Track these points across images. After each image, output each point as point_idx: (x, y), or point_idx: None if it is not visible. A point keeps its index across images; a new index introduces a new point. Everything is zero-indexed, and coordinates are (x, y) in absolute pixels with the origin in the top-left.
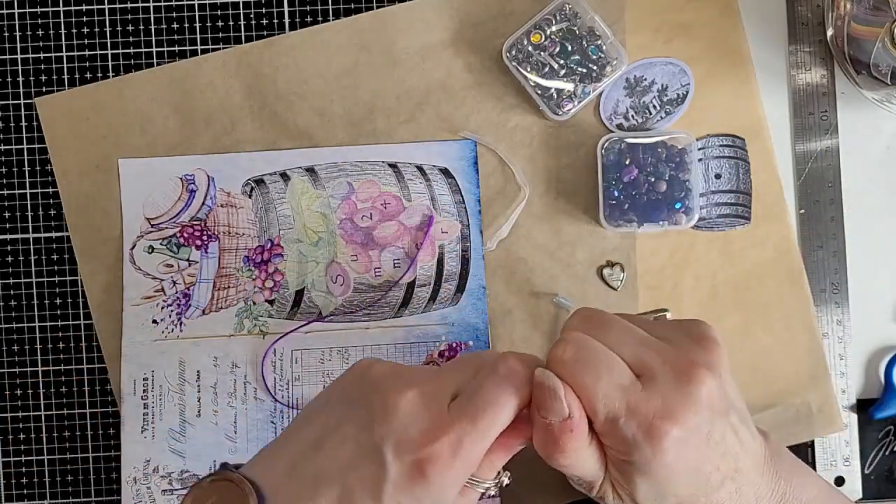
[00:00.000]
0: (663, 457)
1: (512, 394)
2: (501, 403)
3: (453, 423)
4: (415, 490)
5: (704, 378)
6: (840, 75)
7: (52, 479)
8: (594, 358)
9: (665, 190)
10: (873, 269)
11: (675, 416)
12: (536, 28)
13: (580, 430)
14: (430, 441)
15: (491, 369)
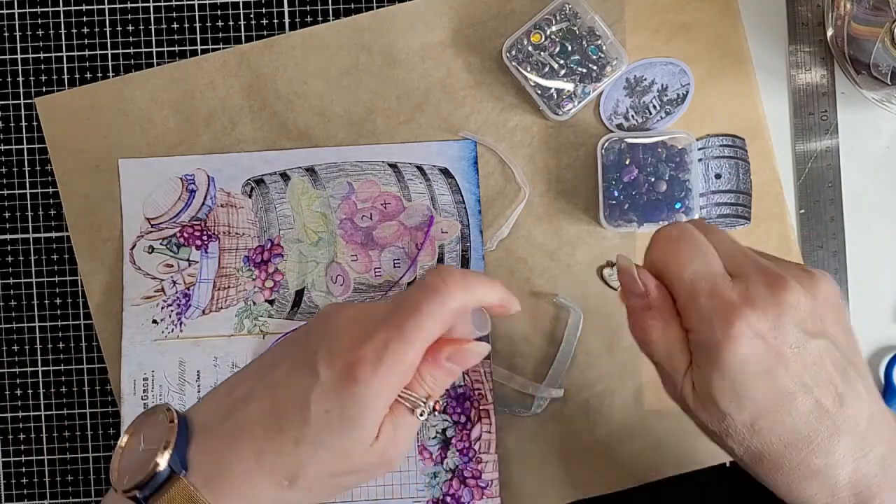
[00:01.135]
0: (735, 344)
1: (437, 301)
2: (426, 310)
3: (380, 328)
4: (344, 395)
5: (795, 288)
6: (840, 75)
7: (52, 479)
8: (694, 243)
9: (665, 190)
10: (873, 269)
11: (754, 304)
12: (536, 28)
13: (658, 308)
14: (359, 346)
15: (420, 279)
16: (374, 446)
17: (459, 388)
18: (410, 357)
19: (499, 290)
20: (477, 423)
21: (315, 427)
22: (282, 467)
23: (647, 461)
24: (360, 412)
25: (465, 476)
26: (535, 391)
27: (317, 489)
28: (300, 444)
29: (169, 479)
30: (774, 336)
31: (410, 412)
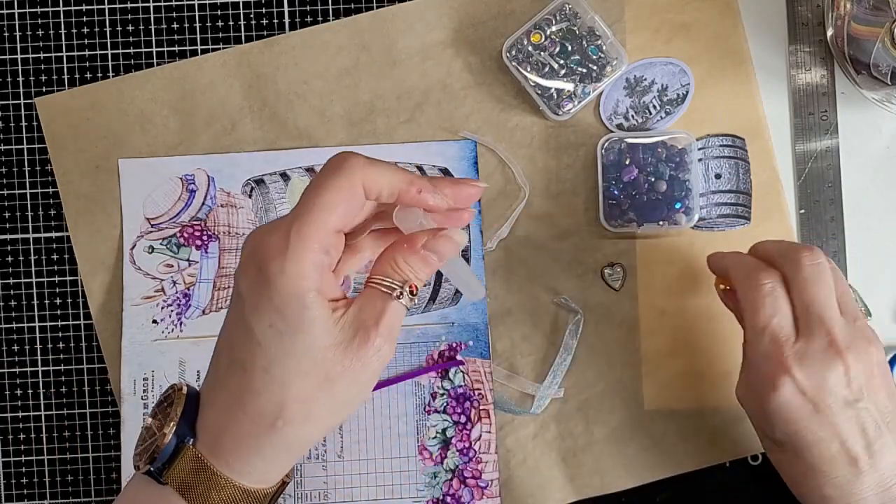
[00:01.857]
0: (777, 392)
1: (336, 174)
2: (325, 185)
3: (283, 221)
4: (271, 298)
5: (849, 357)
6: (840, 75)
7: (52, 479)
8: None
9: (665, 190)
10: (873, 269)
11: (804, 365)
12: (536, 28)
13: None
14: (264, 246)
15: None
16: (343, 333)
17: (459, 388)
18: (320, 234)
19: (403, 172)
20: (477, 423)
21: (268, 345)
22: (266, 404)
23: (647, 461)
24: (291, 302)
25: (465, 476)
26: (535, 391)
27: (317, 412)
28: (268, 370)
29: (177, 449)
30: (815, 394)
31: (388, 296)
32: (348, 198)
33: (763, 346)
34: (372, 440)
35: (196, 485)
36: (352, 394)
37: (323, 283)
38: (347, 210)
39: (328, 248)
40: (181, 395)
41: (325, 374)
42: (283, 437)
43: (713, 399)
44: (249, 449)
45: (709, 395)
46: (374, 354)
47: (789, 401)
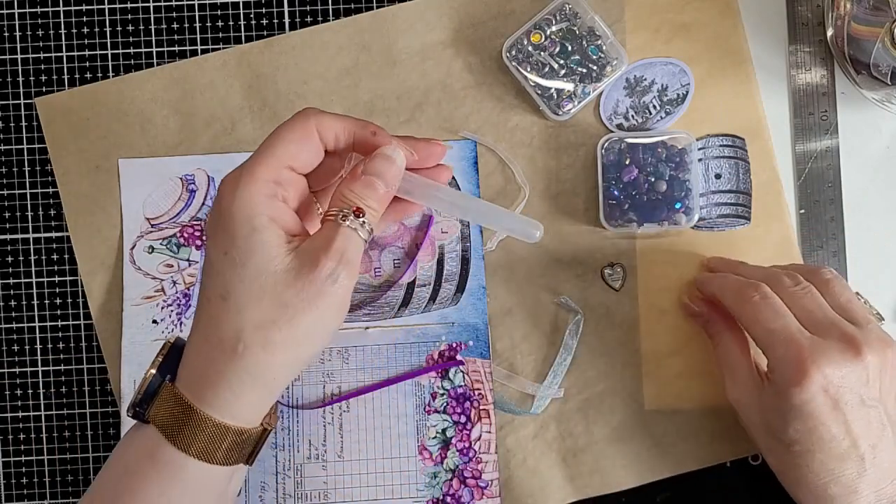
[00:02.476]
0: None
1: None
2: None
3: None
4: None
5: (868, 356)
6: (840, 75)
7: (52, 479)
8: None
9: (665, 190)
10: (873, 269)
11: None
12: (536, 28)
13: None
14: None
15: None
16: (294, 261)
17: (459, 388)
18: (270, 166)
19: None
20: (477, 423)
21: (223, 271)
22: (225, 331)
23: (647, 461)
24: (241, 224)
25: (465, 476)
26: (535, 391)
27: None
28: (225, 297)
29: (159, 388)
30: (836, 391)
31: (335, 223)
32: (301, 136)
33: (780, 353)
34: (372, 440)
35: (175, 420)
36: (312, 323)
37: (276, 212)
38: (299, 148)
39: (280, 180)
40: (167, 343)
41: (279, 300)
42: (245, 365)
43: (713, 399)
44: (217, 380)
45: (709, 395)
46: (327, 279)
47: (814, 397)
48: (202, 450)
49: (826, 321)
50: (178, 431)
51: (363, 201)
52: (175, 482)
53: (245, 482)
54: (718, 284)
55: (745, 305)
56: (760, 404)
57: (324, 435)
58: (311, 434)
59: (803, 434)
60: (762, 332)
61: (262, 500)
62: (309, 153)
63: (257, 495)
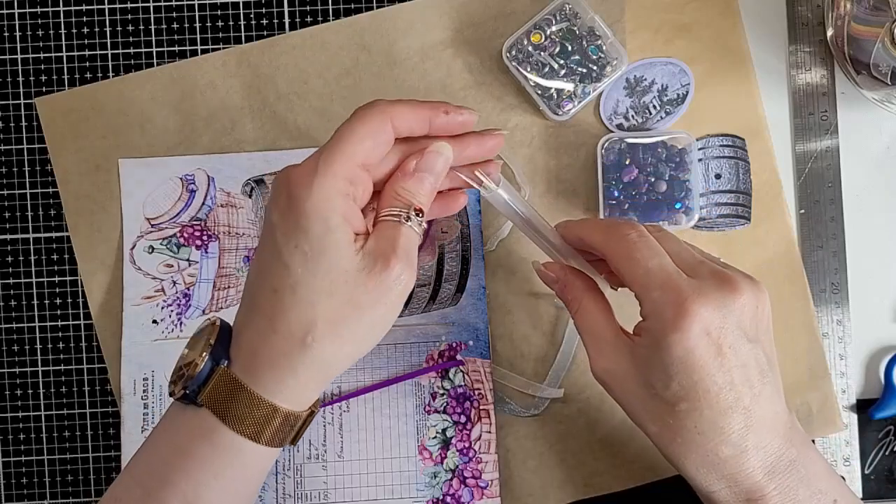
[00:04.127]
0: (684, 335)
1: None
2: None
3: (314, 153)
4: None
5: (745, 292)
6: (840, 75)
7: (52, 479)
8: (649, 244)
9: (665, 190)
10: (873, 269)
11: (706, 301)
12: (536, 28)
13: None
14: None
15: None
16: (364, 261)
17: (459, 388)
18: (346, 163)
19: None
20: (477, 423)
21: (295, 266)
22: (294, 322)
23: (647, 461)
24: (316, 222)
25: (465, 476)
26: (535, 391)
27: (345, 333)
28: (295, 290)
29: (212, 372)
30: (719, 334)
31: (397, 223)
32: (376, 131)
33: (657, 295)
34: (372, 440)
35: (231, 404)
36: (377, 319)
37: (347, 212)
38: (374, 144)
39: (353, 179)
40: (214, 326)
41: (350, 297)
42: (313, 356)
43: None
44: (282, 367)
45: None
46: (396, 279)
47: (696, 343)
48: (255, 432)
49: (695, 261)
50: (233, 414)
51: (416, 198)
52: (231, 464)
53: None
54: (589, 225)
55: (620, 243)
56: (635, 366)
57: (324, 435)
58: (311, 434)
59: (688, 389)
60: (639, 271)
61: (262, 500)
62: (381, 149)
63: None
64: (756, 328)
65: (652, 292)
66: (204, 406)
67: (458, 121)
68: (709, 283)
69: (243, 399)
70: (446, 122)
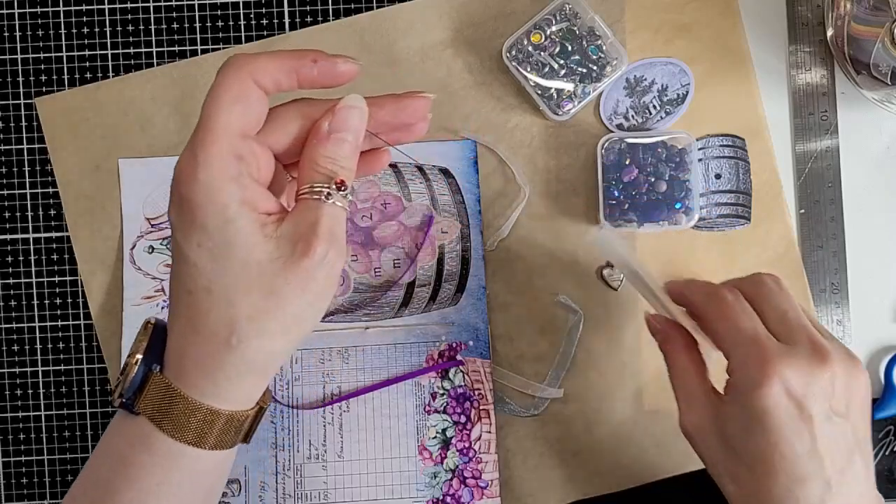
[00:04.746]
0: (766, 390)
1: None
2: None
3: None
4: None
5: (836, 364)
6: (840, 75)
7: (52, 479)
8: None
9: (665, 190)
10: (873, 269)
11: (792, 362)
12: (536, 28)
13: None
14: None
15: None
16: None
17: (459, 388)
18: (224, 139)
19: (292, 52)
20: (477, 423)
21: (203, 265)
22: (216, 324)
23: (647, 461)
24: (212, 215)
25: (465, 476)
26: (535, 391)
27: (271, 327)
28: (210, 290)
29: (146, 377)
30: (803, 397)
31: (319, 201)
32: (241, 94)
33: (743, 352)
34: (372, 440)
35: (167, 410)
36: (304, 308)
37: (247, 194)
38: (245, 107)
39: (240, 154)
40: (149, 327)
41: (270, 289)
42: (241, 355)
43: None
44: (212, 369)
45: None
46: (320, 263)
47: (777, 402)
48: (197, 437)
49: (797, 324)
50: (171, 421)
51: (338, 164)
52: (173, 470)
53: (245, 482)
54: (691, 286)
55: (716, 303)
56: (718, 423)
57: (324, 435)
58: (311, 434)
59: (766, 450)
60: (728, 329)
61: (262, 500)
62: (255, 110)
63: (257, 495)
64: (846, 404)
65: (739, 350)
66: (141, 414)
67: (336, 71)
68: (800, 348)
69: (179, 404)
70: (317, 74)
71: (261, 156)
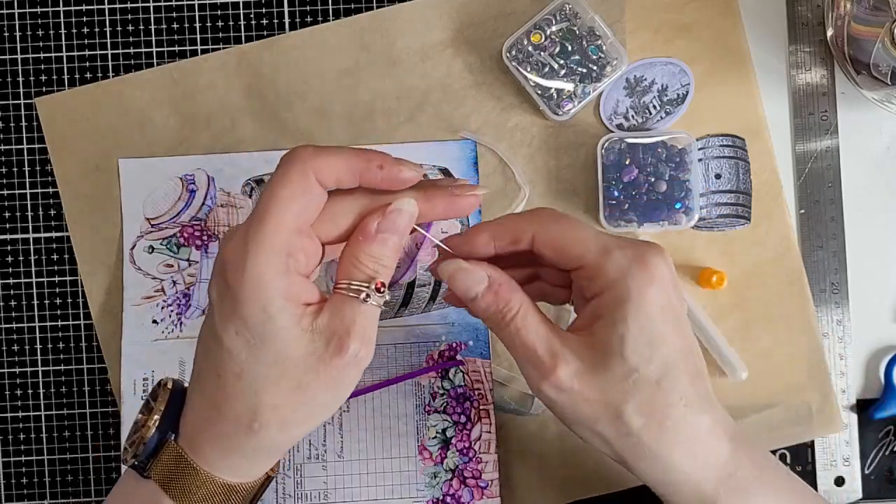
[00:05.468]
0: (656, 286)
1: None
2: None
3: (244, 224)
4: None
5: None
6: (840, 75)
7: (52, 479)
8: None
9: (665, 190)
10: (873, 269)
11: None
12: (536, 28)
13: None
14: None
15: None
16: (314, 343)
17: (459, 388)
18: (278, 236)
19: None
20: (477, 423)
21: (238, 352)
22: (240, 409)
23: None
24: (254, 311)
25: (465, 476)
26: None
27: (292, 418)
28: (240, 377)
29: (160, 443)
30: (674, 287)
31: (356, 300)
32: (301, 191)
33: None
34: (372, 440)
35: (178, 479)
36: (328, 399)
37: (292, 289)
38: (303, 205)
39: (291, 251)
40: (166, 390)
41: (298, 383)
42: (259, 440)
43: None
44: (229, 449)
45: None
46: (351, 361)
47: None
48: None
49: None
50: (182, 491)
51: (380, 263)
52: None
53: None
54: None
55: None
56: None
57: (324, 435)
58: (311, 434)
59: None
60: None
61: (262, 500)
62: (313, 207)
63: None
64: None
65: (612, 253)
66: (151, 479)
67: (398, 178)
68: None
69: (191, 476)
70: (381, 178)
71: (309, 248)
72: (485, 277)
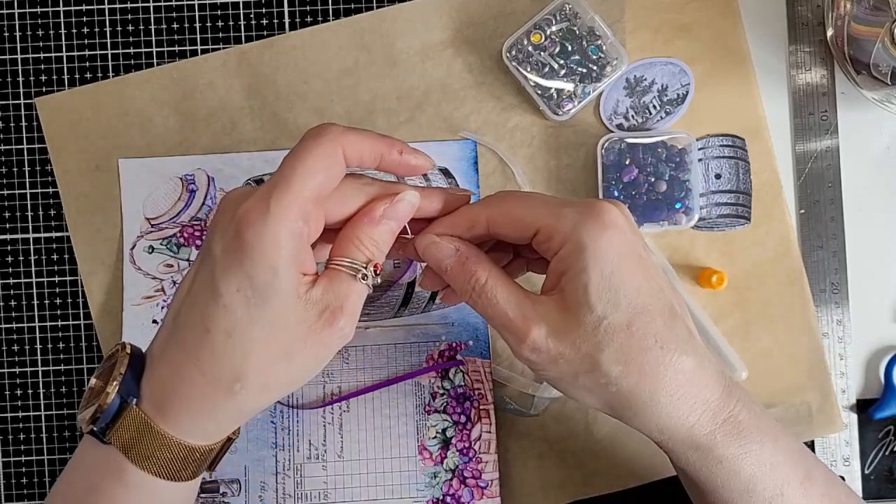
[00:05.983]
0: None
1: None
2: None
3: (264, 186)
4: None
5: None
6: (840, 75)
7: (52, 479)
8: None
9: (665, 190)
10: (873, 269)
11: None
12: (536, 28)
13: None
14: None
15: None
16: (307, 311)
17: (459, 388)
18: (300, 200)
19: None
20: (477, 423)
21: (234, 309)
22: (226, 368)
23: (647, 461)
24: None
25: (465, 476)
26: (535, 391)
27: (273, 384)
28: (231, 335)
29: (121, 408)
30: (633, 233)
31: (352, 278)
32: (329, 164)
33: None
34: (372, 440)
35: (139, 443)
36: (307, 370)
37: (297, 255)
38: (327, 177)
39: (307, 217)
40: (125, 353)
41: (286, 350)
42: (237, 403)
43: None
44: (203, 411)
45: None
46: (338, 335)
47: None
48: (170, 472)
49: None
50: (144, 455)
51: (379, 247)
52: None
53: (245, 482)
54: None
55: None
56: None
57: (324, 435)
58: (311, 434)
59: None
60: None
61: (262, 500)
62: (334, 180)
63: (257, 495)
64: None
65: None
66: (112, 445)
67: (412, 163)
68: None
69: (154, 440)
70: (398, 163)
71: (319, 220)
72: (453, 251)
